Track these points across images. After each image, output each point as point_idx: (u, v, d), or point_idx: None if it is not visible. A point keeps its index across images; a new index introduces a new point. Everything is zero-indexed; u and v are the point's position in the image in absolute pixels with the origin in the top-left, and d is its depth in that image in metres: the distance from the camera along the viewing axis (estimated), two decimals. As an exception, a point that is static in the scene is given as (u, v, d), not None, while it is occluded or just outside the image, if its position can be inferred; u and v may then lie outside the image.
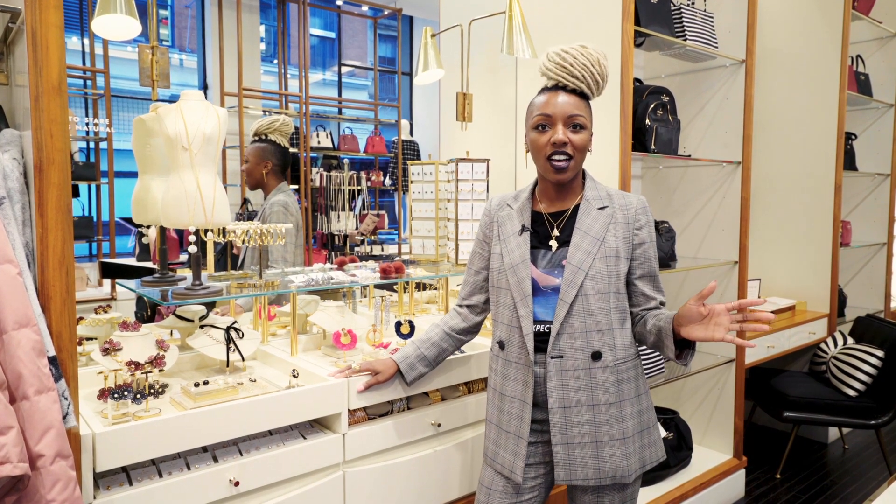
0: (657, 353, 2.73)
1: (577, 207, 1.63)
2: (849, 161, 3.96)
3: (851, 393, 3.27)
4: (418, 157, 5.94)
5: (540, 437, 1.63)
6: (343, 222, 5.11)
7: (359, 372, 1.80)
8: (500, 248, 1.67)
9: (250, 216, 3.99)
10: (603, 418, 1.56)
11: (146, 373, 1.62)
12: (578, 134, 1.56)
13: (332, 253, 4.98)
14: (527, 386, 1.59)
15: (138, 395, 1.53)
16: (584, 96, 1.60)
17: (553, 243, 1.62)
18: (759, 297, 3.80)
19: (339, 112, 6.22)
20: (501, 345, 1.66)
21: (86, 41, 4.30)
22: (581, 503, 1.66)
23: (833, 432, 3.88)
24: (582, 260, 1.56)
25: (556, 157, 1.56)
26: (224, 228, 1.87)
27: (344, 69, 6.87)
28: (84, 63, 4.27)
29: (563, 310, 1.55)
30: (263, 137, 2.82)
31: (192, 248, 1.76)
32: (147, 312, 2.58)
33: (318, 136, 5.38)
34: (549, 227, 1.64)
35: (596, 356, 1.56)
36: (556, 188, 1.64)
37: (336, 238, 5.10)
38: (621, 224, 1.60)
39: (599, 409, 1.56)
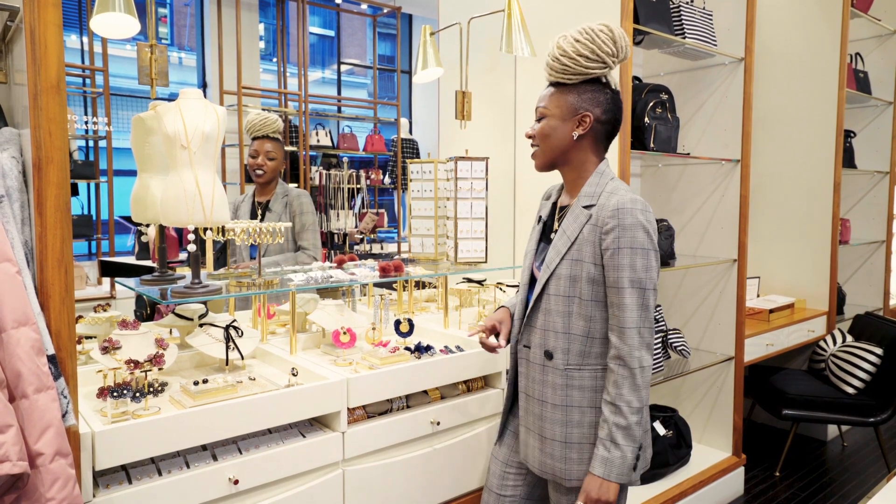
0: (657, 352, 2.73)
1: None
2: (848, 159, 3.96)
3: (850, 391, 3.27)
4: (417, 156, 5.95)
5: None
6: (342, 221, 5.11)
7: (488, 329, 1.73)
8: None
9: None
10: (548, 416, 1.58)
11: (145, 371, 1.62)
12: (539, 123, 1.60)
13: (332, 251, 4.99)
14: (514, 369, 1.73)
15: (137, 394, 1.54)
16: (560, 85, 1.57)
17: (553, 237, 1.63)
18: (758, 295, 3.81)
19: (339, 110, 6.22)
20: None
21: (85, 39, 4.29)
22: (556, 502, 1.64)
23: (832, 430, 3.89)
24: (552, 259, 1.56)
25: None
26: (223, 227, 1.87)
27: (343, 67, 6.87)
28: (83, 61, 4.27)
29: (531, 305, 1.62)
30: (279, 136, 2.84)
31: (192, 247, 1.76)
32: (146, 311, 2.58)
33: (317, 134, 5.38)
34: (557, 221, 1.66)
35: (548, 355, 1.58)
36: (565, 182, 1.66)
37: (335, 236, 5.11)
38: (594, 226, 1.51)
39: (546, 405, 1.59)
